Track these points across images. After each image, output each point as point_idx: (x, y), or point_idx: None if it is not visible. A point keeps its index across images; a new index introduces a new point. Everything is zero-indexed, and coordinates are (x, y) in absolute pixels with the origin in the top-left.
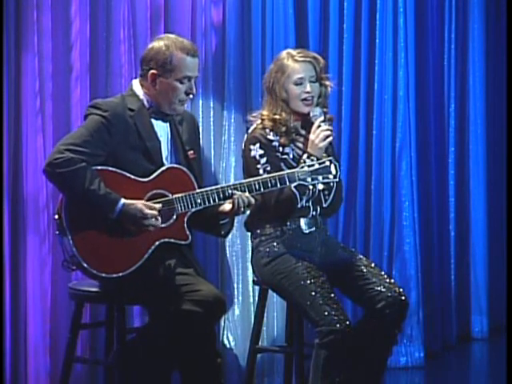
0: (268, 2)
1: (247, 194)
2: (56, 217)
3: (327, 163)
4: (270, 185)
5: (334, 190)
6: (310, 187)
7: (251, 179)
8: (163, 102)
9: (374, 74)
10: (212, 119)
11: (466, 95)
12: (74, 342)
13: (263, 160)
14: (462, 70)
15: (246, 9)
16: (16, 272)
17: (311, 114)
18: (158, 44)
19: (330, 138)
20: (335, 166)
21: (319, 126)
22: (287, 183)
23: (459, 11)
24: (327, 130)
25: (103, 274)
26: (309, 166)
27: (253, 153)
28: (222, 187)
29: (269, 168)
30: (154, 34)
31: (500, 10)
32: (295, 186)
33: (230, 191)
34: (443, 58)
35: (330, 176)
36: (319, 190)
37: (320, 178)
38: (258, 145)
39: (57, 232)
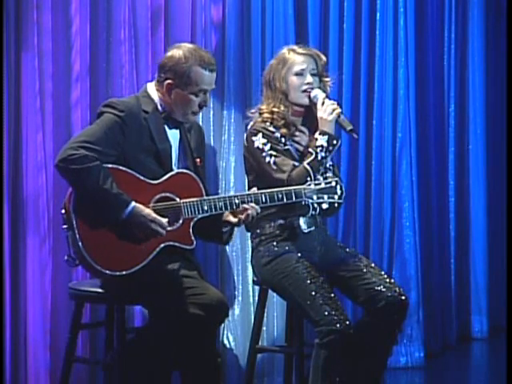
0: (268, 2)
1: (252, 204)
2: (63, 211)
3: (333, 183)
4: (276, 198)
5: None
6: (315, 205)
7: (258, 191)
8: (177, 111)
9: (374, 73)
10: (212, 119)
11: (465, 95)
12: (74, 342)
13: (267, 147)
14: (462, 69)
15: (245, 8)
16: (16, 272)
17: (312, 96)
18: (177, 54)
19: (338, 110)
20: (341, 186)
21: (323, 103)
22: (293, 199)
23: (459, 11)
24: (332, 103)
25: (107, 271)
26: (315, 185)
27: (256, 143)
28: (229, 197)
29: (274, 153)
30: (155, 34)
31: (500, 10)
32: (309, 164)
33: (237, 201)
34: (443, 58)
35: (336, 196)
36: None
37: (325, 197)
38: (260, 135)
39: (63, 226)
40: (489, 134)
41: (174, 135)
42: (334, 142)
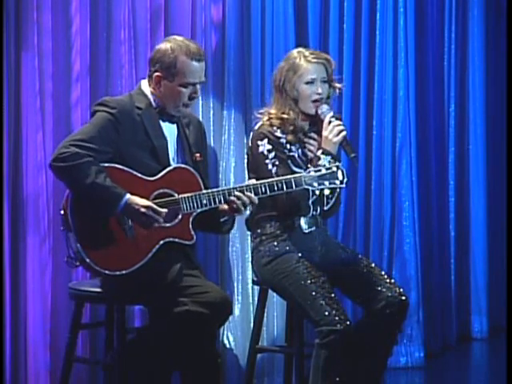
0: (268, 2)
1: (248, 193)
2: (62, 212)
3: (334, 169)
4: (276, 188)
5: (337, 194)
6: (317, 192)
7: (257, 182)
8: (168, 104)
9: (373, 73)
10: (212, 119)
11: (465, 95)
12: (74, 342)
13: (271, 155)
14: (462, 69)
15: (245, 8)
16: (16, 272)
17: (319, 112)
18: (164, 46)
19: (344, 133)
20: (342, 171)
21: (330, 122)
22: (293, 187)
23: (459, 11)
24: (339, 125)
25: (106, 271)
26: (315, 172)
27: (261, 148)
28: (228, 189)
29: (277, 162)
30: (154, 34)
31: (500, 10)
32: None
33: (236, 193)
34: (443, 58)
35: (337, 182)
36: (324, 195)
37: (326, 183)
38: (265, 140)
39: (62, 227)
40: (489, 134)
41: (170, 130)
42: (337, 163)
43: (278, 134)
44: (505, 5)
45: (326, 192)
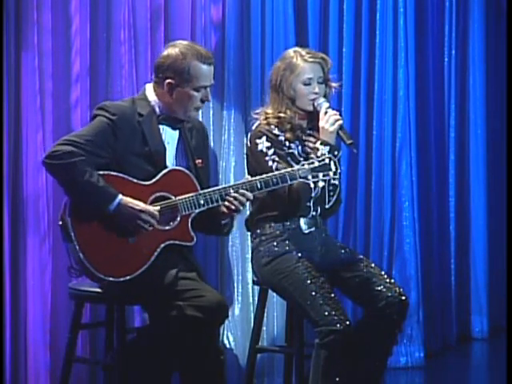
0: (268, 2)
1: (243, 191)
2: (60, 223)
3: (327, 161)
4: (271, 183)
5: (338, 190)
6: (320, 184)
7: (252, 178)
8: (179, 110)
9: (373, 74)
10: (212, 119)
11: (466, 95)
12: (74, 342)
13: (270, 151)
14: (462, 70)
15: (245, 8)
16: (16, 272)
17: (315, 104)
18: (173, 52)
19: (340, 122)
20: (335, 163)
21: (326, 113)
22: (288, 182)
23: (459, 11)
24: (335, 114)
25: (111, 278)
26: (309, 164)
27: (260, 146)
28: (224, 188)
29: (277, 159)
30: (154, 34)
31: (500, 10)
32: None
33: (232, 191)
34: (443, 58)
35: (330, 173)
36: (325, 189)
37: (320, 175)
38: (264, 138)
39: (62, 238)
40: (489, 134)
41: (172, 136)
42: (336, 152)
43: (276, 132)
44: (505, 5)
45: (320, 184)
